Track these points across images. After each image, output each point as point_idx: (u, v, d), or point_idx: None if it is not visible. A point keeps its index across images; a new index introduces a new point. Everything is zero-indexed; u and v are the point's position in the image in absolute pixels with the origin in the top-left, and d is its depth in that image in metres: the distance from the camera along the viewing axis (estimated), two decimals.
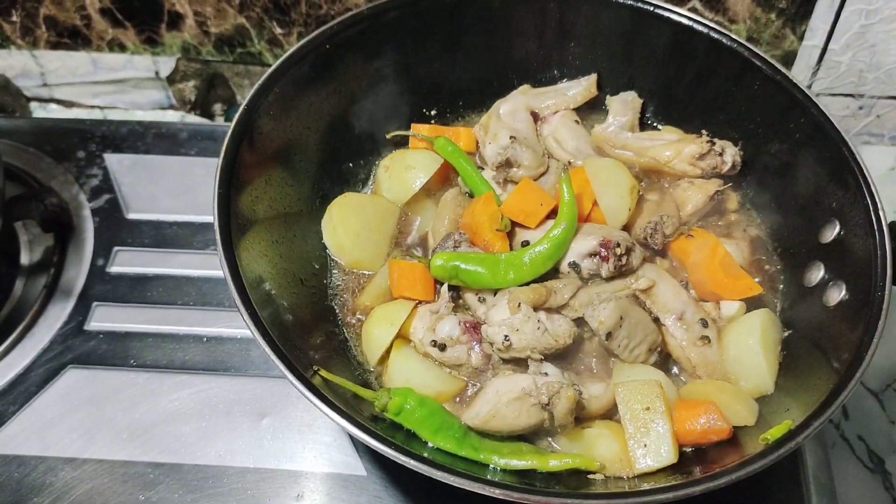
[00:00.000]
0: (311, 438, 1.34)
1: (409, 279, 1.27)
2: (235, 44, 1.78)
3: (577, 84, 1.50)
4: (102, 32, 1.78)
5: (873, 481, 1.39)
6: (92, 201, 1.64)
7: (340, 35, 1.35)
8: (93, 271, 1.54)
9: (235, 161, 1.21)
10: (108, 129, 1.75)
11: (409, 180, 1.39)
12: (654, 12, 1.38)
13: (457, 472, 0.98)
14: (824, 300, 1.21)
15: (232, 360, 1.43)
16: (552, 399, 1.10)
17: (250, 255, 1.17)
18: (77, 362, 1.42)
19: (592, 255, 1.22)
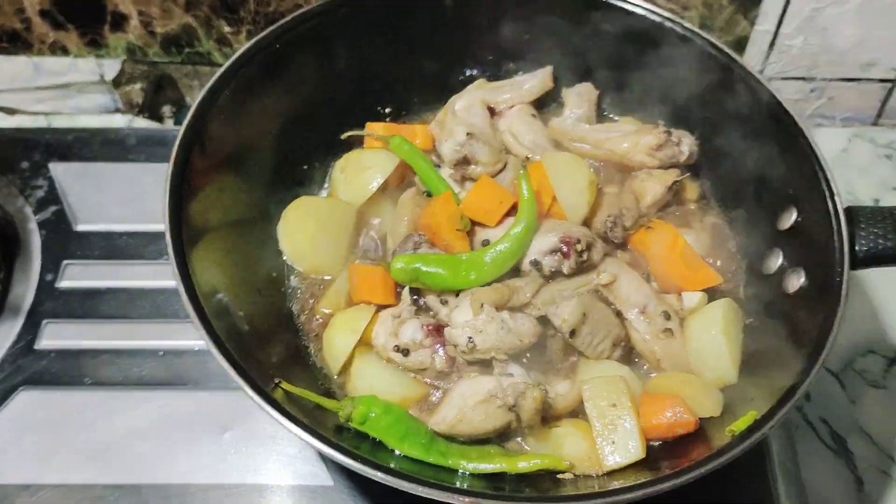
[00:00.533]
0: (276, 450, 1.31)
1: (370, 283, 1.25)
2: (183, 44, 1.74)
3: (532, 77, 1.49)
4: (43, 35, 1.72)
5: (837, 462, 1.41)
6: (38, 214, 1.58)
7: (290, 34, 1.33)
8: (41, 287, 1.49)
9: (185, 168, 1.18)
10: (52, 138, 1.70)
11: (366, 181, 1.36)
12: (607, 2, 1.37)
13: (424, 482, 0.97)
14: (784, 287, 1.22)
15: (190, 373, 1.39)
16: (518, 400, 1.10)
17: (204, 265, 1.14)
18: (28, 383, 1.38)
19: (553, 251, 1.21)
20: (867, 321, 1.57)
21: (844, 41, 1.63)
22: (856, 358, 1.52)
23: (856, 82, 1.73)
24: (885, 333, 1.56)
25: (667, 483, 0.97)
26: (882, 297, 1.59)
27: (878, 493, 1.39)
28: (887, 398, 1.48)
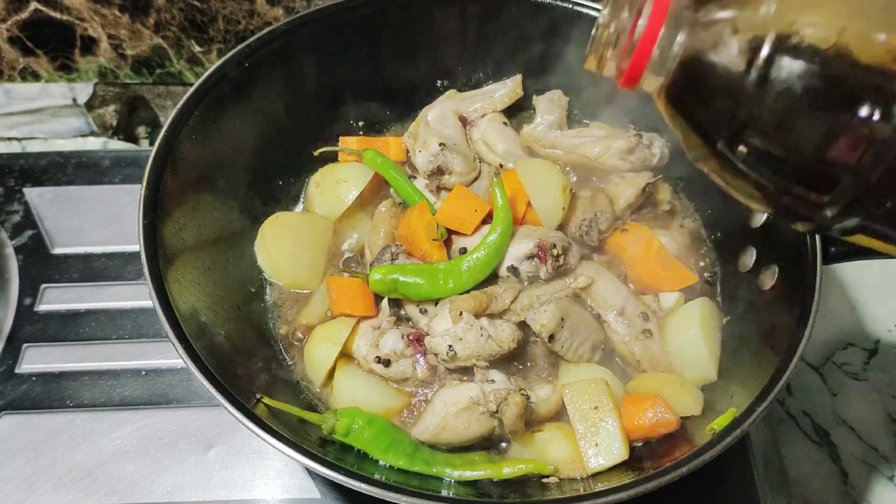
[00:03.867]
0: (262, 465, 1.31)
1: (349, 296, 1.25)
2: (154, 65, 1.74)
3: (502, 86, 1.50)
4: (13, 62, 1.72)
5: (820, 454, 1.42)
6: (14, 239, 1.58)
7: (260, 52, 1.33)
8: (20, 311, 1.48)
9: (159, 189, 1.17)
10: (26, 162, 1.69)
11: (341, 195, 1.37)
12: (573, 10, 1.38)
13: (410, 492, 0.97)
14: (759, 284, 1.23)
15: (173, 391, 1.39)
16: (500, 406, 1.10)
17: (182, 285, 1.14)
18: (10, 408, 1.37)
19: (530, 257, 1.22)
20: (845, 315, 1.59)
21: None
22: (835, 351, 1.54)
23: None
24: (864, 326, 1.57)
25: (651, 483, 0.97)
26: (860, 291, 1.61)
27: (863, 484, 1.40)
28: (868, 390, 1.49)
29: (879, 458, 1.41)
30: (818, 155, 0.69)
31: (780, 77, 0.68)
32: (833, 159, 0.69)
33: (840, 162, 0.68)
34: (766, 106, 0.69)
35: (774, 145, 0.70)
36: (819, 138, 0.69)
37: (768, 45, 0.69)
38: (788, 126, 0.69)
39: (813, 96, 0.67)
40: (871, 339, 1.55)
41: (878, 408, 1.47)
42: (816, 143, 0.69)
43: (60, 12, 1.61)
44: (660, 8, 0.75)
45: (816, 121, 0.68)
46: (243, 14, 1.61)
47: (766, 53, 0.68)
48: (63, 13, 1.61)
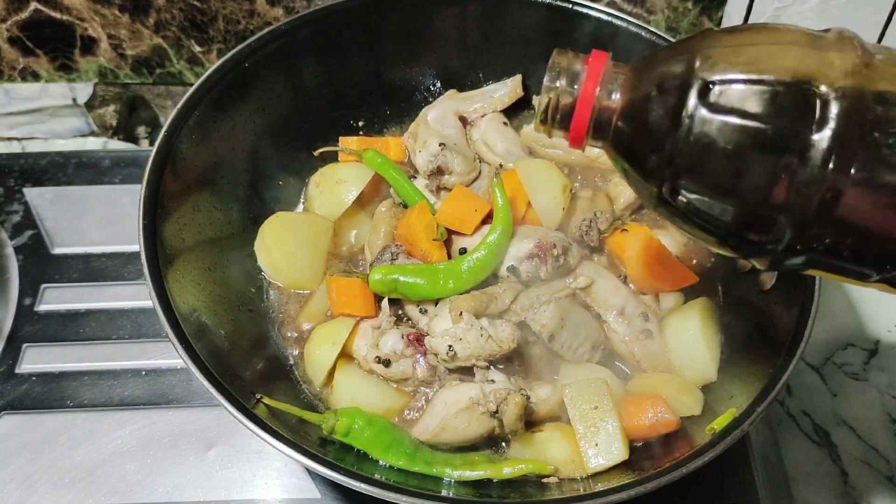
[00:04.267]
0: (262, 465, 1.31)
1: (349, 296, 1.25)
2: (154, 65, 1.74)
3: (502, 86, 1.50)
4: (13, 62, 1.72)
5: (820, 454, 1.42)
6: (14, 239, 1.58)
7: (260, 51, 1.33)
8: (20, 312, 1.48)
9: (159, 189, 1.18)
10: (26, 162, 1.69)
11: (341, 194, 1.37)
12: (573, 10, 1.38)
13: (409, 492, 0.97)
14: (759, 284, 1.23)
15: (173, 391, 1.39)
16: (500, 406, 1.10)
17: (182, 285, 1.14)
18: (10, 408, 1.37)
19: (530, 257, 1.22)
20: (845, 315, 1.59)
21: None
22: (835, 351, 1.54)
23: None
24: (864, 326, 1.57)
25: (650, 483, 0.97)
26: (860, 291, 1.61)
27: (864, 485, 1.40)
28: (868, 390, 1.49)
29: (879, 458, 1.41)
30: (747, 201, 0.73)
31: (703, 130, 0.72)
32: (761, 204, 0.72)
33: (769, 205, 0.72)
34: (693, 158, 0.73)
35: (707, 195, 0.74)
36: (744, 185, 0.72)
37: (691, 100, 0.73)
38: (717, 176, 0.73)
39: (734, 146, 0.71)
40: (871, 339, 1.55)
41: (878, 408, 1.47)
42: (743, 190, 0.73)
43: (60, 12, 1.61)
44: (593, 72, 0.81)
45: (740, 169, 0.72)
46: (243, 14, 1.61)
47: (690, 107, 0.73)
48: (63, 13, 1.61)
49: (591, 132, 0.82)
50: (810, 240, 0.73)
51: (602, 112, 0.80)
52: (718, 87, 0.72)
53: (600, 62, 0.81)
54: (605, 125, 0.81)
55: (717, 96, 0.72)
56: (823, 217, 0.71)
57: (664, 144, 0.74)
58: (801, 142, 0.69)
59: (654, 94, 0.76)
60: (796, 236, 0.73)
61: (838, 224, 0.72)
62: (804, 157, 0.69)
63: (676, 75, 0.75)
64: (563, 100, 0.81)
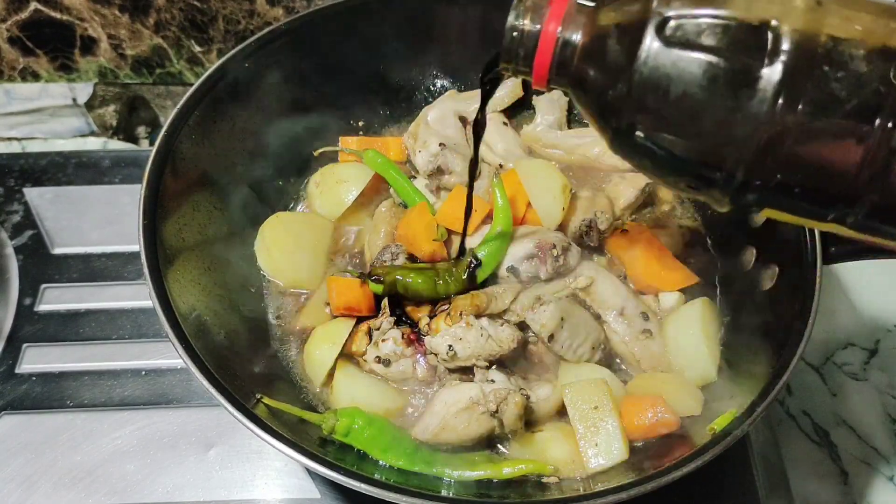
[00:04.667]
0: (262, 465, 1.31)
1: (348, 296, 1.25)
2: (154, 65, 1.74)
3: (502, 86, 1.49)
4: (13, 62, 1.72)
5: (820, 454, 1.42)
6: (14, 239, 1.58)
7: (260, 51, 1.33)
8: (20, 312, 1.48)
9: (159, 189, 1.18)
10: (26, 162, 1.69)
11: (342, 194, 1.37)
12: None
13: (409, 492, 0.97)
14: (759, 284, 1.23)
15: (173, 391, 1.39)
16: (500, 406, 1.10)
17: (182, 285, 1.14)
18: (10, 408, 1.37)
19: (530, 257, 1.22)
20: (845, 314, 1.59)
21: None
22: (835, 351, 1.54)
23: None
24: (864, 326, 1.57)
25: (651, 483, 0.97)
26: (860, 290, 1.61)
27: (863, 484, 1.40)
28: (868, 390, 1.49)
29: (879, 458, 1.41)
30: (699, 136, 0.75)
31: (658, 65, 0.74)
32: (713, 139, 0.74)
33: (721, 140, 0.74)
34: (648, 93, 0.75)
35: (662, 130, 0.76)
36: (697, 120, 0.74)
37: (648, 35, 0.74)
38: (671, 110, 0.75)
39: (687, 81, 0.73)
40: (871, 339, 1.55)
41: (878, 408, 1.47)
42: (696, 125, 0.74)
43: (60, 12, 1.61)
44: (556, 11, 0.82)
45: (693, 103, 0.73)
46: (243, 14, 1.61)
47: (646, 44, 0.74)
48: (63, 13, 1.61)
49: (554, 71, 0.83)
50: (762, 176, 0.74)
51: (564, 50, 0.82)
52: (673, 21, 0.73)
53: (562, 2, 0.82)
54: (567, 64, 0.82)
55: (672, 30, 0.73)
56: (773, 152, 0.72)
57: (622, 80, 0.76)
58: (752, 76, 0.71)
59: (614, 31, 0.78)
60: (748, 172, 0.74)
61: (787, 160, 0.73)
62: (754, 91, 0.71)
63: (635, 11, 0.77)
64: (526, 39, 0.83)
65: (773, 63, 0.70)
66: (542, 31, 0.82)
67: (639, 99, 0.75)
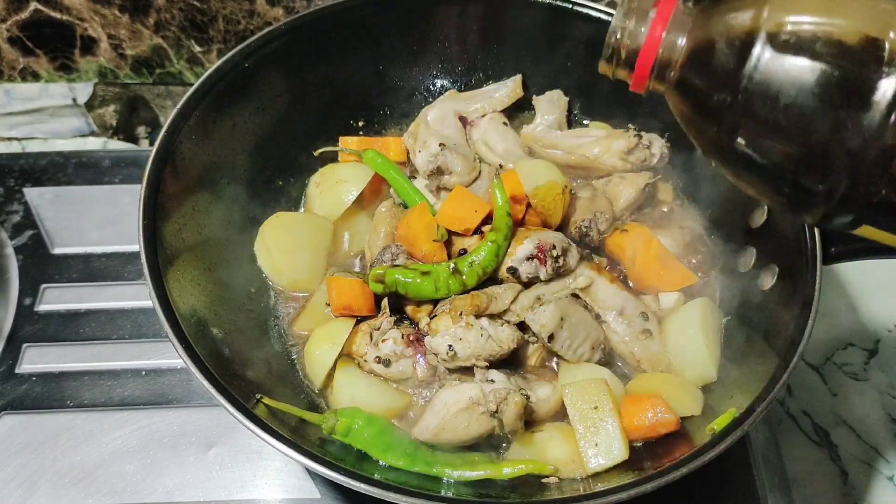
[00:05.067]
0: (262, 465, 1.31)
1: (349, 296, 1.25)
2: (154, 65, 1.74)
3: (502, 86, 1.50)
4: (13, 62, 1.72)
5: (820, 454, 1.42)
6: (14, 239, 1.58)
7: (260, 52, 1.33)
8: (20, 312, 1.48)
9: (159, 189, 1.18)
10: (26, 163, 1.70)
11: (341, 195, 1.37)
12: (573, 10, 1.39)
13: (409, 492, 0.97)
14: (759, 284, 1.23)
15: (173, 391, 1.39)
16: (500, 406, 1.10)
17: (181, 285, 1.14)
18: (10, 408, 1.37)
19: (530, 258, 1.22)
20: (845, 315, 1.59)
21: None
22: (835, 351, 1.54)
23: None
24: (864, 326, 1.57)
25: (651, 483, 0.98)
26: (860, 291, 1.61)
27: (863, 484, 1.40)
28: (868, 390, 1.49)
29: (879, 458, 1.42)
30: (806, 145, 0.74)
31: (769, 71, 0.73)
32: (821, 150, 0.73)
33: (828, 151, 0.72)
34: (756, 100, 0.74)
35: (767, 137, 0.75)
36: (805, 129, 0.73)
37: (759, 43, 0.73)
38: (779, 118, 0.74)
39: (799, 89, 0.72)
40: (871, 339, 1.55)
41: (878, 408, 1.47)
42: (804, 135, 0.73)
43: (60, 12, 1.61)
44: (662, 14, 0.81)
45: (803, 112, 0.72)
46: (243, 14, 1.61)
47: (757, 50, 0.73)
48: (63, 13, 1.61)
49: (655, 73, 0.83)
50: (866, 191, 0.73)
51: (668, 54, 0.81)
52: (789, 28, 0.72)
53: (670, 3, 0.82)
54: (669, 67, 0.82)
55: (785, 38, 0.72)
56: (881, 167, 0.71)
57: (729, 85, 0.75)
58: (867, 89, 0.69)
59: (722, 36, 0.77)
60: (851, 186, 0.73)
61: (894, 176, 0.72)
62: (868, 104, 0.69)
63: (746, 16, 0.75)
64: (631, 40, 0.82)
65: (890, 75, 0.69)
66: (647, 32, 0.81)
67: (745, 105, 0.74)
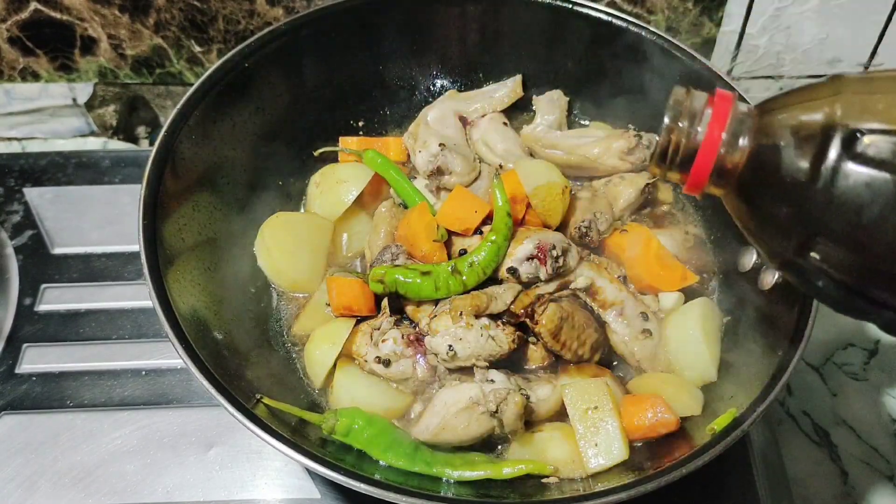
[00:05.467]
0: (262, 465, 1.31)
1: (349, 296, 1.25)
2: (154, 65, 1.74)
3: (502, 86, 1.50)
4: (13, 62, 1.72)
5: (820, 454, 1.42)
6: (14, 239, 1.58)
7: (260, 52, 1.33)
8: (20, 312, 1.48)
9: (159, 189, 1.18)
10: (26, 163, 1.70)
11: (341, 195, 1.37)
12: (573, 10, 1.39)
13: (409, 492, 0.97)
14: (759, 284, 1.23)
15: (173, 391, 1.39)
16: (500, 406, 1.10)
17: (182, 285, 1.15)
18: (10, 408, 1.37)
19: (530, 258, 1.22)
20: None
21: (808, 39, 1.65)
22: (835, 351, 1.54)
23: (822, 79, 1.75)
24: (864, 326, 1.57)
25: (651, 483, 0.98)
26: None
27: (863, 484, 1.40)
28: (868, 390, 1.49)
29: (879, 458, 1.41)
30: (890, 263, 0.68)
31: (847, 183, 0.67)
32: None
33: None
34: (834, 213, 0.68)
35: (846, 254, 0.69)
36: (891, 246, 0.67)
37: (834, 149, 0.67)
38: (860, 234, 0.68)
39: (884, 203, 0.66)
40: (871, 339, 1.55)
41: (878, 408, 1.47)
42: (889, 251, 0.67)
43: (60, 12, 1.61)
44: (719, 115, 0.75)
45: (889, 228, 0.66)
46: (243, 14, 1.61)
47: (833, 158, 0.67)
48: (63, 13, 1.61)
49: (714, 178, 0.77)
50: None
51: (727, 158, 0.75)
52: (867, 136, 0.66)
53: (727, 103, 0.76)
54: (728, 172, 0.75)
55: (865, 147, 0.66)
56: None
57: (800, 197, 0.69)
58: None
59: (789, 142, 0.70)
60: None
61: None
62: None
63: (816, 122, 0.69)
64: (686, 141, 0.76)
65: None
66: (705, 132, 0.75)
67: (819, 219, 0.68)
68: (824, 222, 0.68)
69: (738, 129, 0.75)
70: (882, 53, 1.68)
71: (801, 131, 0.70)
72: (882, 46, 1.66)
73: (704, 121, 0.76)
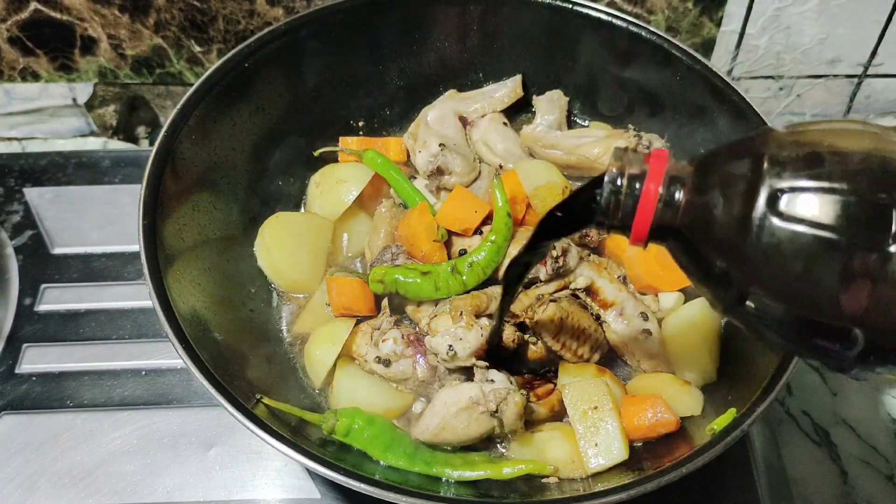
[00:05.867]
0: (262, 465, 1.31)
1: (349, 296, 1.25)
2: (154, 65, 1.74)
3: (502, 86, 1.50)
4: (13, 62, 1.72)
5: (820, 454, 1.42)
6: (14, 239, 1.58)
7: (260, 52, 1.33)
8: (20, 312, 1.48)
9: (159, 189, 1.18)
10: (26, 163, 1.70)
11: (341, 195, 1.37)
12: (573, 10, 1.38)
13: (409, 492, 0.97)
14: None
15: (173, 391, 1.39)
16: (500, 406, 1.10)
17: (182, 285, 1.14)
18: (10, 408, 1.37)
19: None
20: None
21: (808, 39, 1.65)
22: None
23: (822, 79, 1.75)
24: None
25: (650, 483, 0.97)
26: None
27: (863, 484, 1.40)
28: (868, 390, 1.49)
29: (879, 458, 1.41)
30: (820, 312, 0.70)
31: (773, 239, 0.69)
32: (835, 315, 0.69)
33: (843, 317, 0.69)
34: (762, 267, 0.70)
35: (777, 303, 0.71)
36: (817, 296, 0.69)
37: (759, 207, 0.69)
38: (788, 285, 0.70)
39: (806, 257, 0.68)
40: None
41: (878, 408, 1.47)
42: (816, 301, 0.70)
43: (60, 12, 1.61)
44: (655, 173, 0.78)
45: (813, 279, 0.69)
46: (243, 14, 1.61)
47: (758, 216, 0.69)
48: (63, 13, 1.61)
49: (655, 233, 0.79)
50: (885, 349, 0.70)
51: (664, 214, 0.77)
52: (788, 195, 0.68)
53: (662, 161, 0.78)
54: (667, 227, 0.78)
55: (786, 204, 0.68)
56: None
57: (731, 251, 0.71)
58: (878, 253, 0.66)
59: (719, 200, 0.73)
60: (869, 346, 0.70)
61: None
62: (881, 269, 0.66)
63: (742, 180, 0.71)
64: (625, 199, 0.79)
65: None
66: (642, 191, 0.77)
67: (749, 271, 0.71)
68: (755, 276, 0.71)
69: (674, 186, 0.77)
70: (882, 53, 1.68)
71: (729, 188, 0.72)
72: (882, 46, 1.66)
73: (642, 178, 0.78)
